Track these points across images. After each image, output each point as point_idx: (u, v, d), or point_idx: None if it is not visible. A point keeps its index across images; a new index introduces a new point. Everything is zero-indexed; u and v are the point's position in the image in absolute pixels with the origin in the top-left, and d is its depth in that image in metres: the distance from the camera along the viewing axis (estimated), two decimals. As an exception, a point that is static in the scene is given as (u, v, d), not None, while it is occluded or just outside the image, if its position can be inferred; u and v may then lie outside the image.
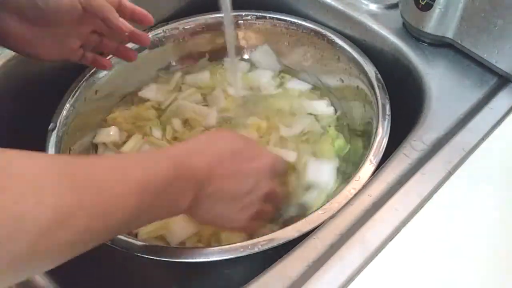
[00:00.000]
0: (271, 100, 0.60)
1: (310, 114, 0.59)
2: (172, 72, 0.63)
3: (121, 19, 0.44)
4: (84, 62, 0.49)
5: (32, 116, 0.50)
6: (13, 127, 0.52)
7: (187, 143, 0.41)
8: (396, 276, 0.34)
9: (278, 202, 0.45)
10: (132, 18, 0.46)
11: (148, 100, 0.61)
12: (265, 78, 0.63)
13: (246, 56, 0.65)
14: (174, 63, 0.64)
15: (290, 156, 0.53)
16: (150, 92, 0.61)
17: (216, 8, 0.50)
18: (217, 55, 0.64)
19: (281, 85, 0.63)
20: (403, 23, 0.54)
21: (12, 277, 0.23)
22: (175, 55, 0.63)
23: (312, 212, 0.38)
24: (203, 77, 0.63)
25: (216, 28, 0.61)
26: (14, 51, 0.44)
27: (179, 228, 0.47)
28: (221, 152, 0.38)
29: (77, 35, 0.45)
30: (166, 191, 0.32)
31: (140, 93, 0.61)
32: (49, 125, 0.49)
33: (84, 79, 0.54)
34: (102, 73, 0.56)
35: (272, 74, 0.64)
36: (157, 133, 0.57)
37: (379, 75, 0.51)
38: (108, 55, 0.52)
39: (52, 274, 0.38)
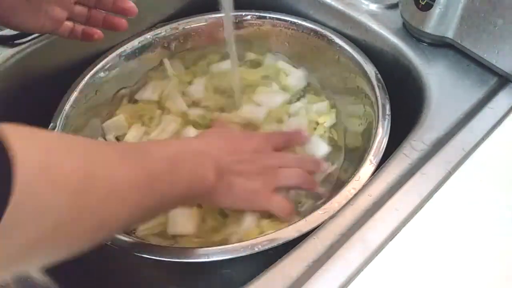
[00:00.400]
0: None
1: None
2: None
3: None
4: (74, 37, 0.48)
5: (32, 116, 0.50)
6: (13, 127, 0.52)
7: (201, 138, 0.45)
8: (396, 276, 0.34)
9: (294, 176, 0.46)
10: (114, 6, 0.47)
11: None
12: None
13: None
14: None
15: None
16: (147, 92, 0.61)
17: (216, 8, 0.50)
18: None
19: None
20: (403, 23, 0.54)
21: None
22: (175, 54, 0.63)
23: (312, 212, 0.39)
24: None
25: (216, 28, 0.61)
26: None
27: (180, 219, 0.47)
28: (221, 143, 0.43)
29: (60, 3, 0.44)
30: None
31: (137, 96, 0.60)
32: (49, 125, 0.49)
33: (84, 79, 0.54)
34: (103, 73, 0.56)
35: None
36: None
37: (379, 75, 0.51)
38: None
39: (52, 274, 0.38)
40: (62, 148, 0.25)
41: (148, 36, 0.59)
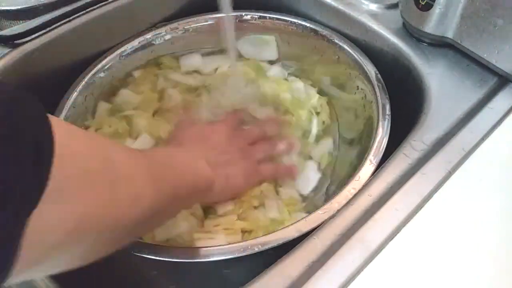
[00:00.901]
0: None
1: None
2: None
3: None
4: None
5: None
6: (13, 127, 0.52)
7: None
8: (396, 276, 0.34)
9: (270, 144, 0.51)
10: None
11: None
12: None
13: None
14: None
15: None
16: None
17: (216, 8, 0.50)
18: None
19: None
20: (403, 23, 0.54)
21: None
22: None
23: (312, 212, 0.39)
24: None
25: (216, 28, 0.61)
26: None
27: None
28: (198, 143, 0.45)
29: None
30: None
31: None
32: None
33: (84, 79, 0.54)
34: (102, 73, 0.56)
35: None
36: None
37: (379, 75, 0.51)
38: None
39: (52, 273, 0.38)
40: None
41: (148, 36, 0.59)
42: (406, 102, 0.49)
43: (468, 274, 0.35)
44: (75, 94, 0.52)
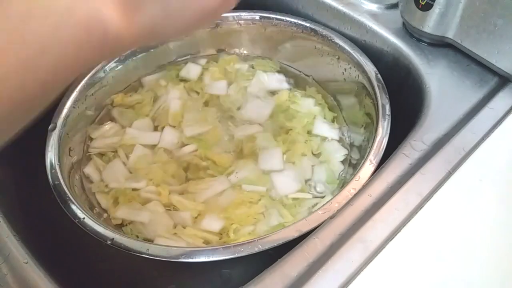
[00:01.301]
0: None
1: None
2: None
3: None
4: None
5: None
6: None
7: None
8: (396, 276, 0.34)
9: None
10: None
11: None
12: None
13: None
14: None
15: None
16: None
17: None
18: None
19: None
20: (403, 23, 0.54)
21: None
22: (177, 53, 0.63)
23: (312, 212, 0.39)
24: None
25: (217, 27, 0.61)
26: None
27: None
28: None
29: None
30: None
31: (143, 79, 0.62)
32: (49, 125, 0.49)
33: (84, 79, 0.54)
34: (103, 73, 0.56)
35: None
36: None
37: (379, 75, 0.51)
38: None
39: (52, 273, 0.38)
40: None
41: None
42: (406, 102, 0.49)
43: (468, 274, 0.35)
44: (75, 94, 0.52)
